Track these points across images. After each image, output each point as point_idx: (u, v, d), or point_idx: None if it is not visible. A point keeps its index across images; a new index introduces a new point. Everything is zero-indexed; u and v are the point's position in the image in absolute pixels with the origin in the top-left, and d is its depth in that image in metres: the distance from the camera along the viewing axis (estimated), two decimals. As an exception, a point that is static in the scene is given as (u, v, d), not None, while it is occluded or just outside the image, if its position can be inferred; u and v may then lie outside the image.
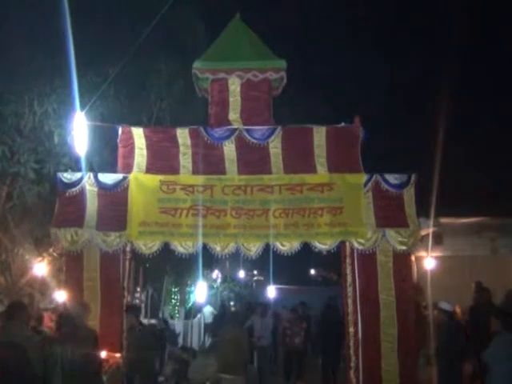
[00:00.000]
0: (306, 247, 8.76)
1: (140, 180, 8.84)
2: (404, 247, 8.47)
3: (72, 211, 8.67)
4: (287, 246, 8.67)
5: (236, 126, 9.02)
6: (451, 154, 13.02)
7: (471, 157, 17.76)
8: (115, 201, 8.74)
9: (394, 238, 8.48)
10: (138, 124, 9.89)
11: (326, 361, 12.57)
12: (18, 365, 5.96)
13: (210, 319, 23.17)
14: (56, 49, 10.58)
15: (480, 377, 8.62)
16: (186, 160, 8.97)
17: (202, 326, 23.25)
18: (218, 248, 8.72)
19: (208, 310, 23.69)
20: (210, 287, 27.39)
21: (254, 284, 36.66)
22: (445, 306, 8.31)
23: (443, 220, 12.56)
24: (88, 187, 8.72)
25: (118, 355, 8.41)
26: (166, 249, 8.81)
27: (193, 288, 24.73)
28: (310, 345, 15.52)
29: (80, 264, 8.60)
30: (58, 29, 9.51)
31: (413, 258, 8.83)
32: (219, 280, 30.95)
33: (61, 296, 8.71)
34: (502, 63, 19.59)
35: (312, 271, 36.63)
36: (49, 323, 10.03)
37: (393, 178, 8.72)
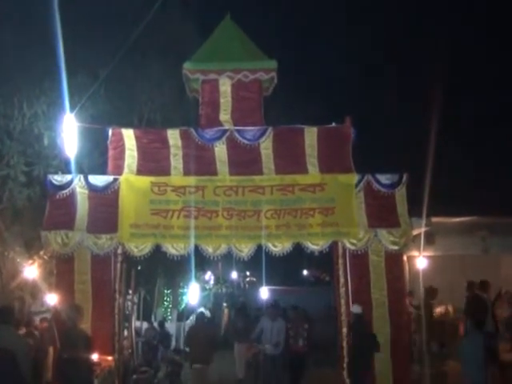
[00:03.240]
0: (299, 248, 8.75)
1: (131, 182, 8.80)
2: (396, 247, 8.49)
3: (62, 214, 8.63)
4: (279, 246, 8.67)
5: (227, 127, 9.01)
6: (443, 154, 13.04)
7: (463, 156, 17.83)
8: (106, 203, 8.71)
9: (386, 238, 8.50)
10: (128, 125, 9.85)
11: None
12: (6, 370, 5.89)
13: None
14: (45, 50, 10.52)
15: None
16: (177, 161, 8.94)
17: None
18: (210, 249, 8.71)
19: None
20: (203, 289, 27.29)
21: (246, 285, 36.60)
22: (355, 309, 8.44)
23: (435, 219, 12.55)
24: (78, 189, 8.69)
25: (110, 358, 8.36)
26: (158, 250, 8.78)
27: (185, 290, 24.64)
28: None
29: (71, 267, 8.57)
30: (48, 30, 9.45)
31: (405, 257, 8.82)
32: (212, 281, 30.87)
33: (52, 299, 8.65)
34: (497, 60, 19.67)
35: (305, 272, 36.63)
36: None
37: (384, 178, 8.74)
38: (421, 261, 10.88)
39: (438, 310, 12.71)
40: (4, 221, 11.98)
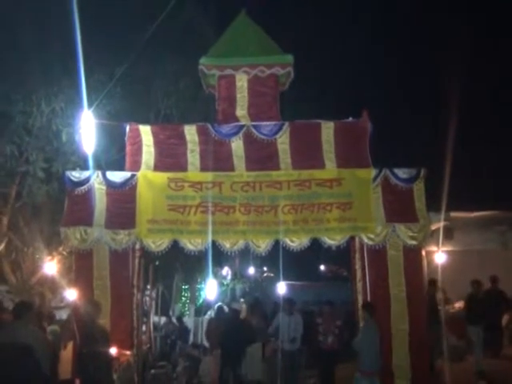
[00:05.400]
0: (316, 243, 8.73)
1: (148, 178, 8.83)
2: (414, 242, 8.42)
3: (81, 210, 8.69)
4: (296, 242, 8.64)
5: (243, 123, 8.99)
6: (462, 148, 12.92)
7: (482, 150, 17.64)
8: (124, 199, 8.75)
9: (404, 233, 8.43)
10: (145, 122, 9.89)
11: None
12: (24, 365, 5.94)
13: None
14: (63, 48, 10.60)
15: None
16: (193, 157, 8.96)
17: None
18: (227, 245, 8.71)
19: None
20: (220, 284, 27.37)
21: (263, 280, 36.59)
22: (235, 305, 8.83)
23: (453, 214, 12.46)
24: (96, 185, 8.73)
25: (128, 352, 8.42)
26: (176, 246, 8.80)
27: (203, 285, 24.74)
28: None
29: (90, 262, 8.62)
30: (65, 28, 9.51)
31: (423, 252, 8.75)
32: (229, 277, 30.94)
33: (71, 295, 8.73)
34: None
35: (322, 267, 36.55)
36: None
37: (402, 173, 8.67)
38: (439, 256, 10.79)
39: (457, 305, 12.62)
40: (23, 217, 12.14)
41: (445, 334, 9.67)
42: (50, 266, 11.20)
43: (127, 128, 9.10)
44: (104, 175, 8.78)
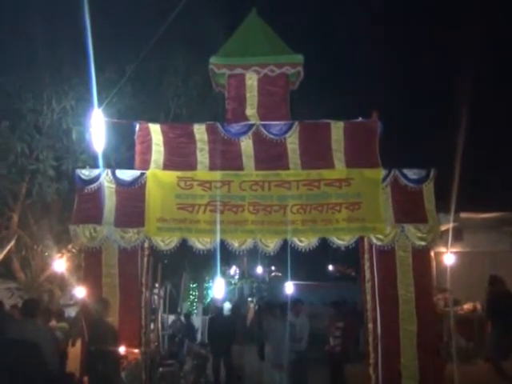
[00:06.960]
0: (324, 243, 8.71)
1: (157, 176, 8.85)
2: (423, 243, 8.39)
3: (90, 208, 8.71)
4: (305, 241, 8.62)
5: (253, 122, 8.99)
6: (471, 149, 12.86)
7: (491, 151, 17.56)
8: (133, 197, 8.76)
9: (413, 234, 8.40)
10: (155, 120, 9.90)
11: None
12: (32, 364, 5.97)
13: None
14: (73, 46, 10.65)
15: None
16: (203, 156, 8.96)
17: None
18: (235, 244, 8.70)
19: (227, 307, 23.63)
20: (228, 283, 27.41)
21: (271, 280, 36.60)
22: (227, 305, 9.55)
23: (463, 215, 12.41)
24: (106, 184, 8.75)
25: (136, 351, 8.44)
26: (184, 245, 8.81)
27: (211, 284, 24.79)
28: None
29: (99, 260, 8.64)
30: (76, 26, 9.55)
31: (432, 253, 8.72)
32: (237, 276, 30.98)
33: (80, 292, 8.77)
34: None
35: (330, 267, 36.50)
36: None
37: (412, 173, 8.63)
38: (448, 257, 10.75)
39: (466, 306, 12.57)
40: (33, 215, 12.21)
41: (454, 335, 9.64)
42: (59, 264, 11.25)
43: (137, 127, 9.10)
44: (113, 173, 8.80)
